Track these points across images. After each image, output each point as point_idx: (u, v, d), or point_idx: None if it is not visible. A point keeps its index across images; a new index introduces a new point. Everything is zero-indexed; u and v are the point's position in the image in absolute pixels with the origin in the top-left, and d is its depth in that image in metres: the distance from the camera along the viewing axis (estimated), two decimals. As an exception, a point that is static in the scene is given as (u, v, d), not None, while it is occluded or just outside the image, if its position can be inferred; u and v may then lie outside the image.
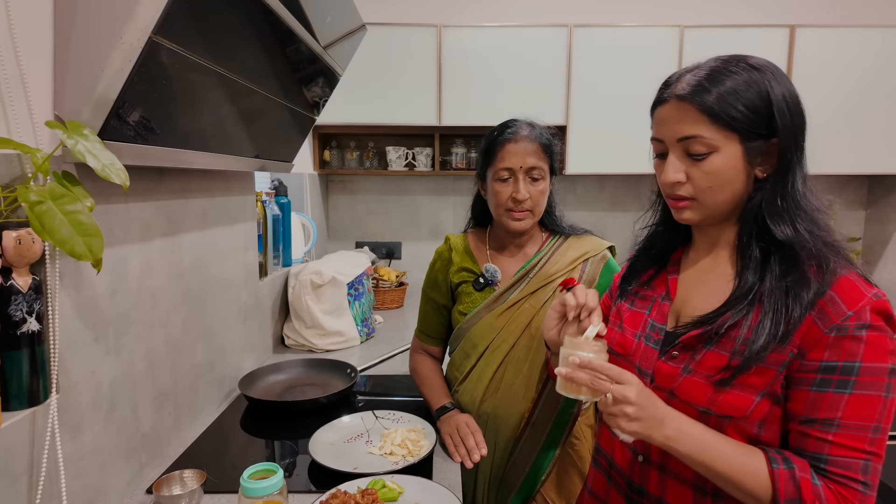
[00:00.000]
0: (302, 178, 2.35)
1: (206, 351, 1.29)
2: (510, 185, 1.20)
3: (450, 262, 1.32)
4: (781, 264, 0.74)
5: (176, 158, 1.00)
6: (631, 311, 0.93)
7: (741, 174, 0.76)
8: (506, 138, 1.21)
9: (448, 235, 1.37)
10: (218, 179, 1.35)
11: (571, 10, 2.64)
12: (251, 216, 1.58)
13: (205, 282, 1.29)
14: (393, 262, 2.82)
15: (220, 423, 1.28)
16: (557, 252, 1.27)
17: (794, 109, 0.75)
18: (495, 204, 1.23)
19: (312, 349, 1.77)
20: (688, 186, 0.78)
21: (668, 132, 0.78)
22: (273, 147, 1.46)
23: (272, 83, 1.25)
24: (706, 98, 0.74)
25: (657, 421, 0.72)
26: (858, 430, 0.68)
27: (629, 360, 0.88)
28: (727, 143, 0.74)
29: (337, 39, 1.51)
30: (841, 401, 0.69)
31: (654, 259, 0.94)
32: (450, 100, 2.40)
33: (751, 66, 0.76)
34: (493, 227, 1.34)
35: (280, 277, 1.83)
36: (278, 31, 1.14)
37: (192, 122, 1.02)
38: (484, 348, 1.24)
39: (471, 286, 1.29)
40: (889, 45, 2.39)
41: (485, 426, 1.23)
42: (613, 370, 0.74)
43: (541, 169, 1.20)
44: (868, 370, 0.68)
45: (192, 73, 0.93)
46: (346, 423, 1.21)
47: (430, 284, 1.36)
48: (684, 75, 0.78)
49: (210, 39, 0.94)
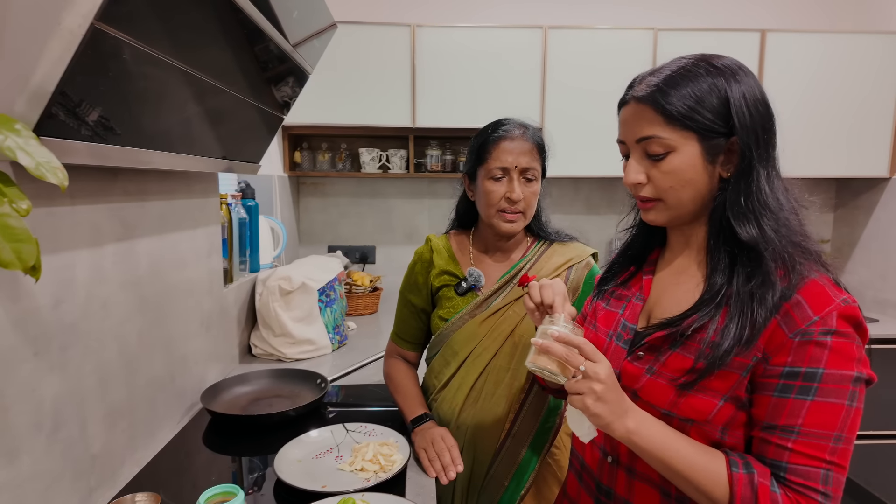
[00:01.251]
0: (271, 181, 2.27)
1: (165, 363, 1.22)
2: (504, 184, 1.16)
3: (431, 265, 1.27)
4: (747, 266, 0.73)
5: (129, 158, 0.93)
6: (606, 310, 0.93)
7: (702, 173, 0.76)
8: (501, 136, 1.17)
9: (429, 236, 1.31)
10: (178, 181, 1.28)
11: (546, 12, 2.63)
12: (215, 220, 1.50)
13: (163, 289, 1.21)
14: (367, 267, 2.76)
15: (181, 440, 1.21)
16: (542, 258, 1.24)
17: (754, 108, 0.74)
18: (486, 204, 1.18)
19: (281, 358, 1.70)
20: (649, 187, 0.79)
21: (629, 133, 0.80)
22: (238, 147, 1.40)
23: (236, 79, 1.18)
24: (661, 99, 0.74)
25: (621, 409, 0.72)
26: (819, 439, 0.67)
27: None
28: (685, 143, 0.75)
29: (307, 37, 1.46)
30: (802, 407, 0.67)
31: (632, 260, 0.94)
32: (424, 101, 2.36)
33: (713, 66, 0.76)
34: (479, 229, 1.29)
35: (247, 284, 1.76)
36: (242, 24, 1.08)
37: (147, 119, 0.95)
38: (465, 356, 1.20)
39: (452, 290, 1.24)
40: (856, 50, 2.43)
41: (464, 437, 1.19)
42: (588, 346, 0.75)
43: (534, 170, 1.17)
44: (831, 377, 0.66)
45: (145, 66, 0.86)
46: (315, 438, 1.15)
47: (409, 287, 1.30)
48: (646, 77, 0.79)
49: (165, 30, 0.88)
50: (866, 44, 2.44)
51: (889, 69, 2.45)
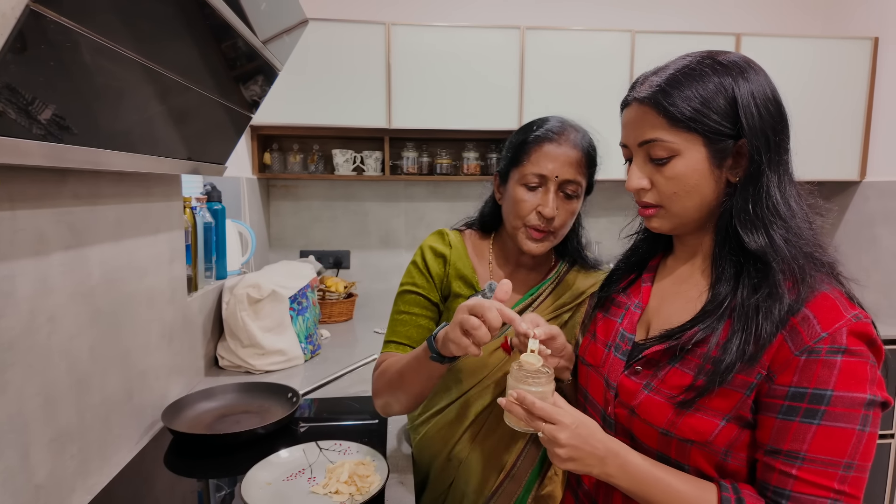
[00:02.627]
0: (238, 183, 2.17)
1: (121, 379, 1.13)
2: (538, 195, 0.97)
3: (447, 260, 1.06)
4: (754, 277, 0.68)
5: (78, 158, 0.84)
6: (605, 319, 0.89)
7: (708, 179, 0.71)
8: (545, 136, 0.97)
9: (444, 230, 1.11)
10: (136, 183, 1.19)
11: (524, 13, 2.60)
12: (178, 224, 1.41)
13: (120, 300, 1.12)
14: (341, 272, 2.68)
15: (140, 463, 1.12)
16: (563, 282, 1.08)
17: (763, 107, 0.70)
18: (514, 214, 1.00)
19: (250, 370, 1.62)
20: (653, 193, 0.75)
21: (631, 136, 0.76)
22: (202, 147, 1.31)
23: (199, 74, 1.10)
24: (664, 100, 0.71)
25: (596, 459, 0.70)
26: (827, 466, 0.62)
27: (599, 372, 0.84)
28: (690, 147, 0.70)
29: (277, 33, 1.38)
30: (808, 432, 0.62)
31: (634, 266, 0.91)
32: (400, 101, 2.29)
33: (719, 63, 0.71)
34: (501, 237, 1.10)
35: (213, 292, 1.66)
36: (207, 17, 1.00)
37: (99, 115, 0.87)
38: (470, 386, 1.04)
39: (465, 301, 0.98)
40: (828, 55, 2.47)
41: (454, 472, 1.06)
42: (545, 410, 0.71)
43: (578, 184, 0.97)
44: (841, 400, 0.62)
45: (95, 57, 0.78)
46: (286, 459, 1.07)
47: (420, 280, 1.06)
48: (649, 76, 0.75)
49: (118, 18, 0.80)
50: (837, 49, 2.47)
51: (859, 74, 2.49)
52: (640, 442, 0.75)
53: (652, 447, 0.74)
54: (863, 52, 2.48)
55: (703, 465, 0.70)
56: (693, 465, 0.71)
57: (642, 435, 0.75)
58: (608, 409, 0.80)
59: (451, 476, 1.06)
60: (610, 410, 0.80)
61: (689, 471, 0.71)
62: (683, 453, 0.70)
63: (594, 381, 0.85)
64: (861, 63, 2.49)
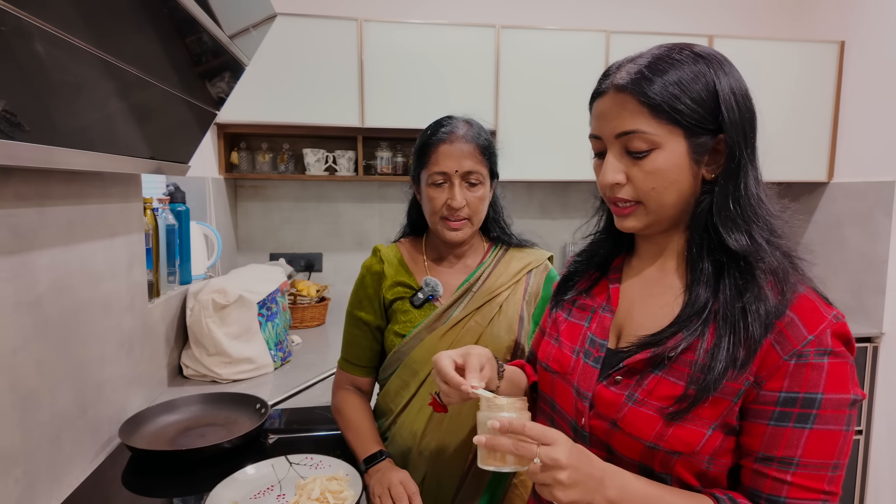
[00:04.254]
0: (204, 183, 2.08)
1: (74, 394, 1.05)
2: (445, 190, 1.08)
3: (382, 276, 1.15)
4: (738, 279, 0.66)
5: (27, 155, 0.76)
6: (568, 321, 0.84)
7: (687, 174, 0.68)
8: (440, 138, 1.08)
9: (377, 246, 1.20)
10: (90, 183, 1.11)
11: (498, 11, 2.57)
12: (137, 227, 1.33)
13: (72, 308, 1.04)
14: (313, 276, 2.61)
15: (94, 483, 1.04)
16: (501, 263, 1.16)
17: (742, 103, 0.68)
18: (430, 211, 1.11)
19: (217, 380, 1.54)
20: (628, 188, 0.70)
21: (606, 128, 0.70)
22: (163, 145, 1.23)
23: (161, 69, 1.03)
24: (647, 88, 0.66)
25: (596, 482, 0.63)
26: (819, 469, 0.62)
27: (566, 379, 0.79)
28: (670, 139, 0.67)
29: (245, 28, 1.32)
30: (801, 437, 0.62)
31: (596, 266, 0.86)
32: (373, 99, 2.24)
33: (697, 54, 0.68)
34: (430, 235, 1.19)
35: (176, 297, 1.58)
36: (168, 7, 0.94)
37: (54, 111, 0.80)
38: (426, 375, 1.09)
39: (408, 303, 1.13)
40: (796, 57, 2.50)
41: (427, 463, 1.08)
42: (536, 429, 0.63)
43: (478, 173, 1.08)
44: (830, 402, 0.61)
45: (50, 49, 0.71)
46: (253, 475, 1.01)
47: (358, 303, 1.18)
48: (625, 64, 0.70)
49: (75, 10, 0.73)
50: (806, 52, 2.51)
51: (827, 76, 2.54)
52: (619, 455, 0.71)
53: (633, 459, 0.70)
54: (830, 56, 2.53)
55: (685, 475, 0.68)
56: (675, 476, 0.68)
57: (623, 448, 0.71)
58: (581, 421, 0.75)
59: (424, 469, 1.08)
60: (584, 422, 0.75)
61: (672, 481, 0.68)
62: (668, 465, 0.67)
63: (562, 390, 0.80)
64: (828, 66, 2.54)
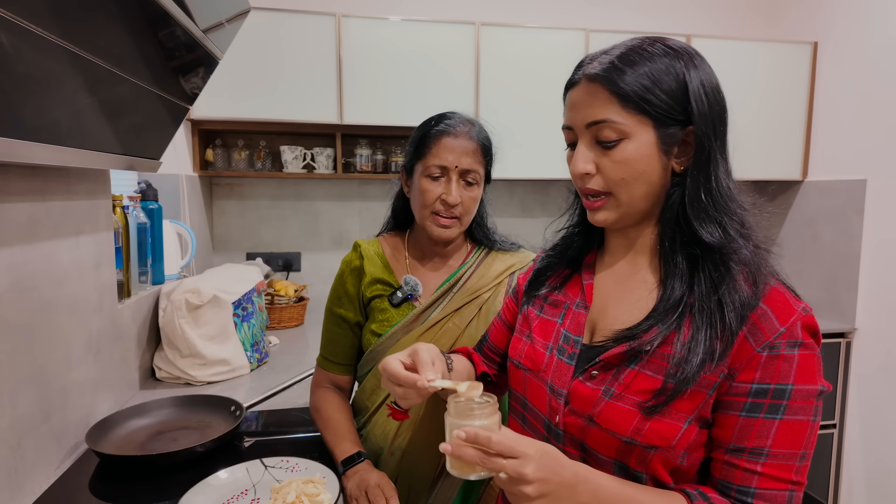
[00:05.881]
0: (177, 181, 2.03)
1: (36, 398, 1.00)
2: (441, 184, 1.05)
3: (361, 273, 1.13)
4: (713, 271, 0.66)
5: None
6: (540, 318, 0.83)
7: (656, 165, 0.69)
8: (443, 130, 1.06)
9: (357, 241, 1.17)
10: (54, 179, 1.07)
11: (478, 8, 2.55)
12: (106, 225, 1.29)
13: (34, 309, 1.00)
14: (291, 275, 2.57)
15: (59, 491, 1.00)
16: (483, 265, 1.15)
17: (711, 96, 0.69)
18: (421, 204, 1.07)
19: (191, 382, 1.50)
20: (598, 179, 0.71)
21: (577, 117, 0.71)
22: (132, 140, 1.19)
23: (127, 58, 0.99)
24: (618, 79, 0.67)
25: (568, 489, 0.61)
26: (787, 459, 0.63)
27: (539, 377, 0.78)
28: (639, 129, 0.68)
29: (219, 22, 1.28)
30: (771, 427, 0.62)
31: (568, 262, 0.86)
32: (352, 96, 2.21)
33: (668, 48, 0.69)
34: (415, 231, 1.17)
35: (149, 298, 1.54)
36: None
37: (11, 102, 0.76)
38: None
39: (386, 301, 1.11)
40: (771, 57, 2.54)
41: (398, 464, 1.07)
42: (505, 443, 0.60)
43: (476, 173, 1.07)
44: (799, 393, 0.63)
45: (14, 40, 0.67)
46: (226, 480, 0.98)
47: (337, 300, 1.15)
48: (598, 56, 0.71)
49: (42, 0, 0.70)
50: (780, 52, 2.55)
51: (801, 77, 2.58)
52: (594, 452, 0.71)
53: (609, 457, 0.69)
54: (803, 56, 2.57)
55: (660, 472, 0.67)
56: (650, 473, 0.68)
57: (599, 445, 0.70)
58: (555, 419, 0.74)
59: (396, 470, 1.07)
60: (558, 420, 0.74)
61: (646, 479, 0.68)
62: (644, 461, 0.67)
63: (534, 388, 0.79)
64: (802, 67, 2.58)
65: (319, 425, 1.12)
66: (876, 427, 2.35)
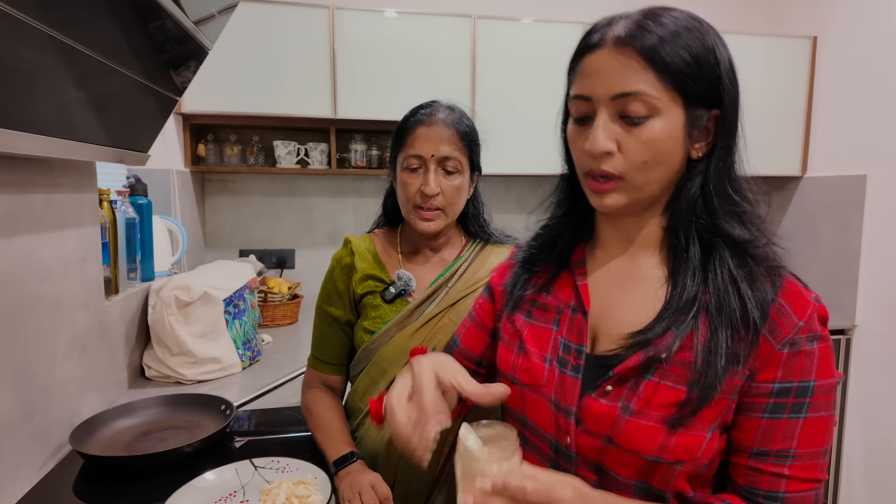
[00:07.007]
0: (168, 176, 1.99)
1: (17, 398, 0.97)
2: (419, 176, 1.03)
3: (352, 269, 1.10)
4: (732, 266, 0.62)
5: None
6: (531, 325, 0.74)
7: (680, 149, 0.63)
8: (419, 120, 1.04)
9: (348, 238, 1.15)
10: (35, 171, 1.03)
11: (474, 1, 2.52)
12: (92, 219, 1.25)
13: (14, 306, 0.97)
14: (285, 272, 2.53)
15: (42, 492, 0.97)
16: (478, 258, 1.11)
17: (735, 77, 0.65)
18: (403, 198, 1.06)
19: (181, 381, 1.47)
20: (617, 160, 0.62)
21: (601, 86, 0.61)
22: (119, 132, 1.16)
23: (115, 48, 0.96)
24: (659, 46, 0.59)
25: None
26: (812, 458, 0.59)
27: (541, 393, 0.70)
28: (670, 107, 0.60)
29: (210, 13, 1.24)
30: (796, 427, 0.59)
31: (554, 259, 0.76)
32: (346, 90, 2.17)
33: (693, 18, 0.63)
34: (406, 226, 1.14)
35: (137, 295, 1.50)
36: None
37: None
38: (395, 375, 1.02)
39: (379, 297, 1.08)
40: (770, 52, 2.52)
41: (395, 468, 1.03)
42: (541, 491, 0.52)
43: (456, 161, 1.03)
44: (821, 389, 0.60)
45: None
46: (213, 481, 0.95)
47: (328, 297, 1.12)
48: (618, 19, 0.63)
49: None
50: (779, 47, 2.53)
51: (800, 72, 2.56)
52: (612, 475, 0.64)
53: (629, 479, 0.63)
54: (803, 51, 2.55)
55: (684, 486, 0.63)
56: (675, 490, 0.63)
57: (619, 466, 0.64)
58: (566, 440, 0.67)
59: (392, 474, 1.03)
60: (569, 441, 0.66)
61: (670, 498, 0.63)
62: (668, 479, 0.61)
63: (535, 405, 0.71)
64: (801, 61, 2.56)
65: (311, 426, 1.09)
66: (876, 423, 2.33)
